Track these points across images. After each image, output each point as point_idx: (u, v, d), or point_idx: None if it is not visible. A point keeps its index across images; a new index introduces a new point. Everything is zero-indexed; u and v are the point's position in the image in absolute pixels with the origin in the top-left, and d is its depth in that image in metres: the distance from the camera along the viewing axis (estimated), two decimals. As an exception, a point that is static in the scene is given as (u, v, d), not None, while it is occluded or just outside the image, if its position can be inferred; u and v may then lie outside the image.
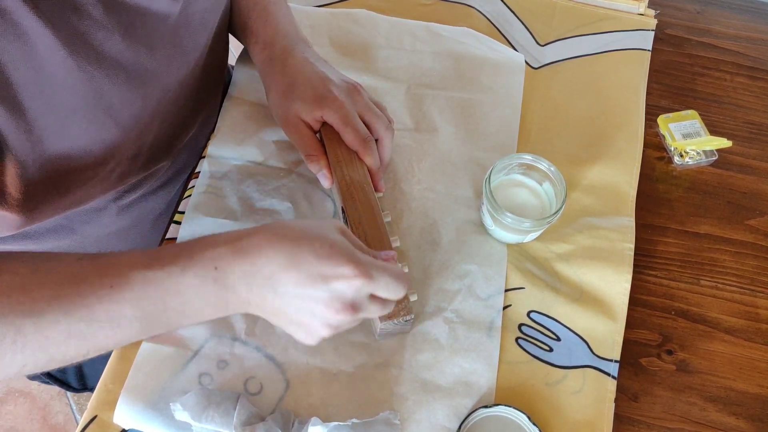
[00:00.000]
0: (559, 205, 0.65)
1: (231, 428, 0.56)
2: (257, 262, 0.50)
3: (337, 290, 0.50)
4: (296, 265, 0.50)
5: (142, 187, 0.73)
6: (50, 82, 0.50)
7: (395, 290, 0.52)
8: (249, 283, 0.51)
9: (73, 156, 0.56)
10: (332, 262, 0.50)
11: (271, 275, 0.50)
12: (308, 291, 0.50)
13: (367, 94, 0.70)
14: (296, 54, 0.70)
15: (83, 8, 0.50)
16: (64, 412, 1.38)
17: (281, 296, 0.51)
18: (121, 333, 0.51)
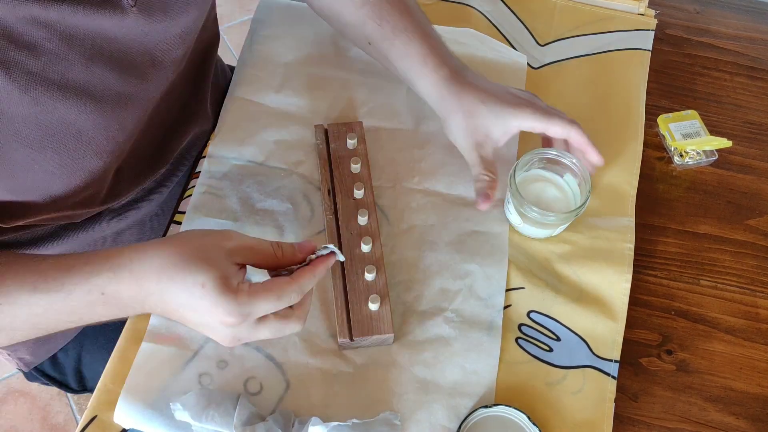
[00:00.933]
0: (585, 197, 0.66)
1: (231, 428, 0.56)
2: (144, 287, 0.52)
3: (222, 333, 0.52)
4: (182, 314, 0.52)
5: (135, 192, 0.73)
6: (10, 120, 0.50)
7: (275, 304, 0.52)
8: (141, 302, 0.53)
9: (53, 185, 0.56)
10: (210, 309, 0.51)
11: (161, 301, 0.52)
12: (197, 326, 0.53)
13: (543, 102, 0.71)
14: (470, 74, 0.70)
15: (38, 44, 0.49)
16: (64, 412, 1.38)
17: (177, 316, 0.53)
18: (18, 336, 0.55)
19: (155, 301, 0.52)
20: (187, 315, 0.52)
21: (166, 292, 0.51)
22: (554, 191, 0.70)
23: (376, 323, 0.62)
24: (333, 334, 0.64)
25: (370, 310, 0.62)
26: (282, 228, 0.69)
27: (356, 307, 0.63)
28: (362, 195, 0.68)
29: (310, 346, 0.63)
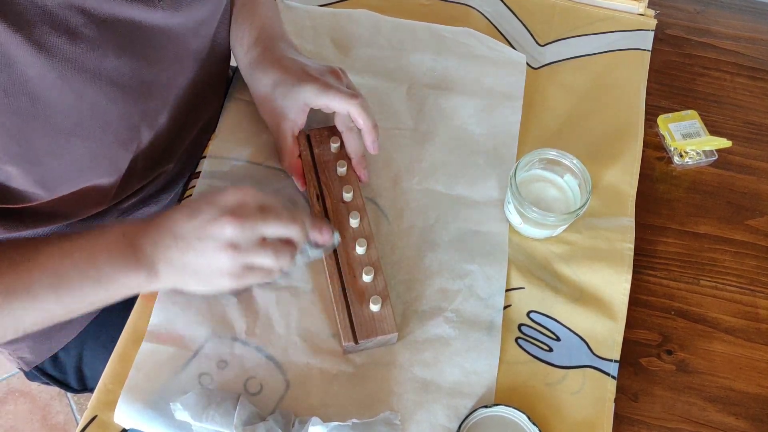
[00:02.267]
0: (585, 198, 0.66)
1: (231, 428, 0.56)
2: (161, 223, 0.56)
3: (225, 202, 0.55)
4: (190, 206, 0.56)
5: (142, 191, 0.73)
6: (44, 106, 0.51)
7: (286, 224, 0.56)
8: (153, 239, 0.55)
9: (73, 173, 0.57)
10: (221, 190, 0.56)
11: (171, 224, 0.55)
12: (200, 218, 0.54)
13: (348, 79, 0.71)
14: (276, 53, 0.70)
15: (76, 30, 0.50)
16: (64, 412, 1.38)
17: (181, 239, 0.55)
18: (38, 306, 0.54)
19: (166, 228, 0.55)
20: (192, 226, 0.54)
21: (178, 209, 0.56)
22: (554, 192, 0.70)
23: (379, 324, 0.62)
24: (333, 334, 0.64)
25: (371, 312, 0.62)
26: (282, 228, 0.69)
27: (357, 310, 0.63)
28: (351, 197, 0.68)
29: (310, 346, 0.63)
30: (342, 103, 0.67)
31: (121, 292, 0.57)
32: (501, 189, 0.73)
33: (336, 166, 0.70)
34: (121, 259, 0.55)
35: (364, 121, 0.67)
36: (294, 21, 0.84)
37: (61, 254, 0.55)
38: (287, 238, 0.58)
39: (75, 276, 0.54)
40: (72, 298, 0.55)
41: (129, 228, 0.56)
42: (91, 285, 0.55)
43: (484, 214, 0.72)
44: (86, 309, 0.58)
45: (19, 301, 0.53)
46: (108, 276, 0.55)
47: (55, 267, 0.54)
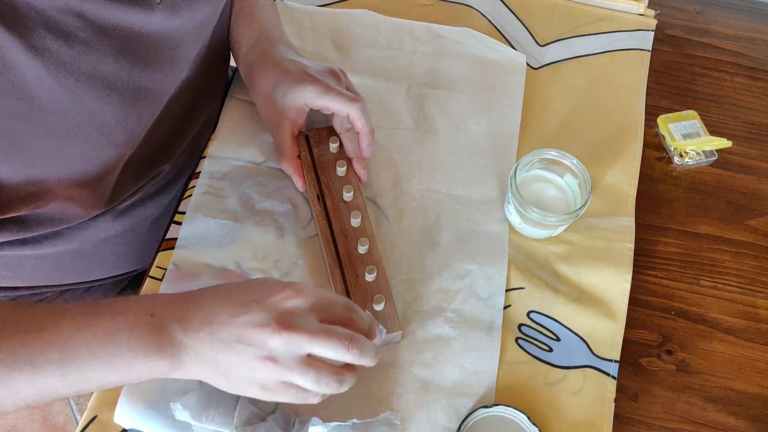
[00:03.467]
0: (585, 198, 0.66)
1: (231, 428, 0.56)
2: (198, 309, 0.51)
3: (276, 306, 0.50)
4: (235, 298, 0.51)
5: (139, 192, 0.73)
6: (40, 109, 0.50)
7: (337, 347, 0.50)
8: (185, 327, 0.50)
9: (66, 174, 0.57)
10: (274, 287, 0.51)
11: (210, 314, 0.50)
12: (244, 318, 0.50)
13: (348, 80, 0.71)
14: (276, 54, 0.70)
15: (73, 34, 0.50)
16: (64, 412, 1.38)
17: (217, 335, 0.50)
18: (40, 380, 0.49)
19: (201, 318, 0.50)
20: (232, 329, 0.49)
21: (221, 299, 0.51)
22: (554, 192, 0.70)
23: (383, 323, 0.62)
24: (333, 334, 0.64)
25: (375, 311, 0.62)
26: (282, 228, 0.69)
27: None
28: (352, 197, 0.68)
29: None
30: (342, 106, 0.67)
31: (135, 377, 0.52)
32: (501, 189, 0.73)
33: (336, 166, 0.70)
34: (142, 343, 0.50)
35: (362, 125, 0.68)
36: (294, 21, 0.84)
37: (73, 329, 0.50)
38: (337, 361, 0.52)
39: (85, 355, 0.49)
40: (78, 377, 0.50)
41: (159, 308, 0.51)
42: (102, 367, 0.50)
43: (484, 214, 0.72)
44: (94, 389, 0.55)
45: (21, 373, 0.49)
46: (124, 360, 0.50)
47: (63, 343, 0.49)
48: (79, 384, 0.50)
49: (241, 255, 0.67)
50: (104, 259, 0.78)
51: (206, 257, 0.67)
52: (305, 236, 0.69)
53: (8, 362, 0.48)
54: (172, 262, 0.67)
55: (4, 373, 0.48)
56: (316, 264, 0.67)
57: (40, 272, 0.76)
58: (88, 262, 0.77)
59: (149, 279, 0.67)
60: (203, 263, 0.67)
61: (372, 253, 0.65)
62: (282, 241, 0.68)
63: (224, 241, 0.68)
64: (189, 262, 0.67)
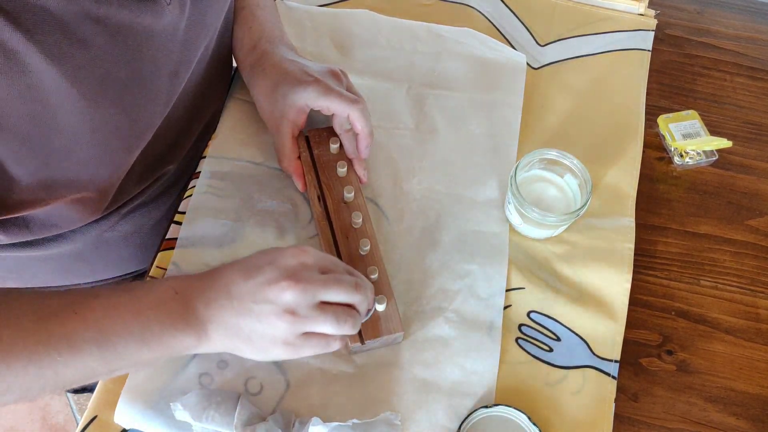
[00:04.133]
0: (585, 198, 0.66)
1: (231, 428, 0.56)
2: (216, 280, 0.54)
3: (285, 264, 0.53)
4: (247, 264, 0.54)
5: (144, 194, 0.73)
6: (56, 112, 0.51)
7: (348, 290, 0.54)
8: (207, 298, 0.53)
9: (75, 176, 0.57)
10: (281, 250, 0.55)
11: (227, 282, 0.54)
12: (258, 278, 0.53)
13: (348, 81, 0.71)
14: (276, 55, 0.71)
15: (89, 39, 0.50)
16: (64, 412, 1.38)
17: (237, 300, 0.53)
18: (79, 361, 0.50)
19: (221, 287, 0.53)
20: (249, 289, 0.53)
21: (235, 267, 0.54)
22: (555, 192, 0.70)
23: (385, 324, 0.62)
24: (333, 334, 0.64)
25: (377, 311, 0.62)
26: (283, 228, 0.69)
27: None
28: (352, 197, 0.68)
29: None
30: (342, 107, 0.67)
31: (166, 352, 0.53)
32: (501, 189, 0.73)
33: (336, 167, 0.70)
34: (170, 318, 0.52)
35: (362, 126, 0.68)
36: (294, 21, 0.84)
37: (108, 307, 0.52)
38: (349, 303, 0.55)
39: (120, 332, 0.51)
40: (115, 355, 0.51)
41: (181, 285, 0.54)
42: (135, 344, 0.52)
43: (484, 214, 0.72)
44: (129, 369, 0.56)
45: (61, 354, 0.50)
46: (155, 335, 0.52)
47: (99, 321, 0.51)
48: (115, 362, 0.52)
49: (241, 255, 0.66)
50: (107, 260, 0.78)
51: (206, 257, 0.67)
52: (305, 236, 0.69)
53: (48, 344, 0.49)
54: (172, 261, 0.67)
55: (45, 354, 0.49)
56: (316, 264, 0.67)
57: (43, 274, 0.76)
58: (91, 263, 0.77)
59: (149, 279, 0.67)
60: (203, 263, 0.67)
61: (373, 253, 0.65)
62: (282, 241, 0.68)
63: (224, 241, 0.68)
64: (189, 262, 0.67)
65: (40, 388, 0.51)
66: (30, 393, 0.51)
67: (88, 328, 0.51)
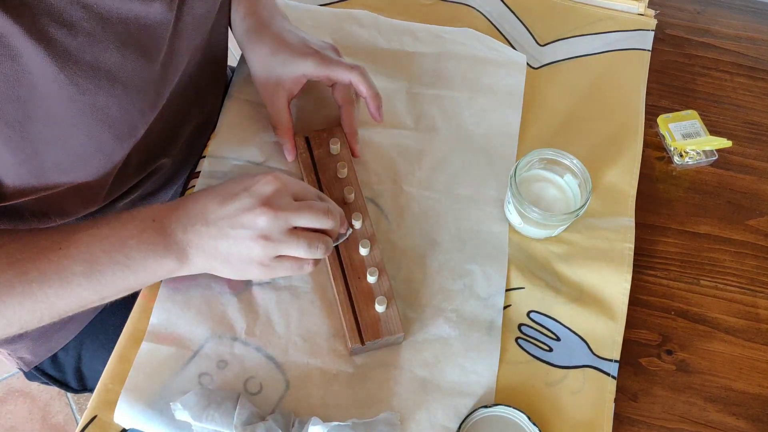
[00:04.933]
0: (585, 198, 0.66)
1: (231, 428, 0.56)
2: (191, 207, 0.57)
3: (259, 191, 0.56)
4: (222, 192, 0.57)
5: (139, 188, 0.73)
6: (45, 97, 0.51)
7: (319, 216, 0.57)
8: (184, 224, 0.56)
9: (68, 165, 0.57)
10: (255, 177, 0.57)
11: (203, 209, 0.57)
12: (233, 205, 0.56)
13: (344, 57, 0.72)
14: (275, 23, 0.72)
15: (77, 24, 0.50)
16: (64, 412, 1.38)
17: (213, 226, 0.56)
18: (71, 292, 0.55)
19: (197, 213, 0.56)
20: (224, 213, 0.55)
21: (210, 194, 0.57)
22: (554, 192, 0.70)
23: (385, 325, 0.62)
24: (334, 333, 0.64)
25: (377, 313, 0.62)
26: (282, 228, 0.69)
27: (363, 311, 0.63)
28: (353, 198, 0.68)
29: (310, 346, 0.63)
30: (343, 74, 0.68)
31: (151, 277, 0.58)
32: (501, 189, 0.73)
33: (336, 167, 0.70)
34: (150, 245, 0.56)
35: (366, 88, 0.69)
36: (295, 20, 0.84)
37: (91, 241, 0.55)
38: (321, 228, 0.59)
39: (106, 262, 0.55)
40: (104, 284, 0.56)
41: (158, 213, 0.57)
42: (122, 271, 0.56)
43: (484, 214, 0.72)
44: (118, 295, 0.58)
45: (53, 288, 0.54)
46: (138, 262, 0.56)
47: (85, 254, 0.55)
48: (104, 291, 0.56)
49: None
50: None
51: (206, 257, 0.67)
52: (305, 236, 0.69)
53: (40, 280, 0.54)
54: (172, 261, 0.67)
55: (38, 290, 0.54)
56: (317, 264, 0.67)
57: None
58: None
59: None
60: (203, 263, 0.67)
61: (374, 254, 0.65)
62: (282, 241, 0.68)
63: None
64: (189, 262, 0.67)
65: (38, 320, 0.56)
66: (28, 325, 0.56)
67: (77, 262, 0.54)
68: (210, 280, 0.66)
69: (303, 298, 0.66)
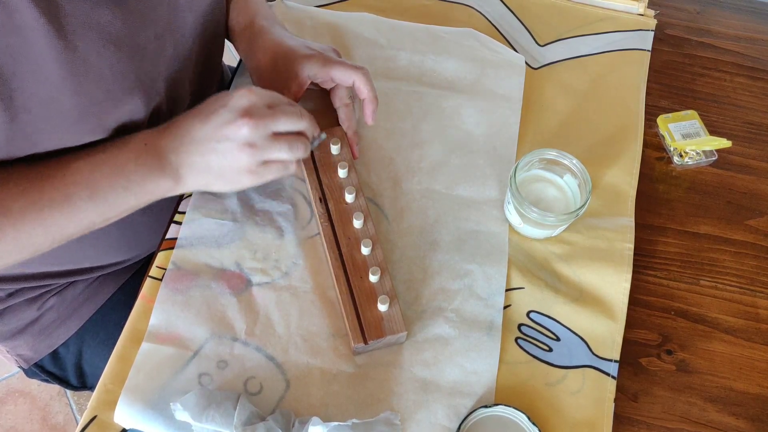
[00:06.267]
0: (585, 198, 0.66)
1: (231, 428, 0.56)
2: (178, 129, 0.60)
3: (237, 104, 0.59)
4: (203, 110, 0.60)
5: None
6: (35, 51, 0.51)
7: (294, 119, 0.61)
8: (175, 147, 0.59)
9: (60, 127, 0.57)
10: (230, 93, 0.60)
11: (189, 128, 0.60)
12: (215, 121, 0.59)
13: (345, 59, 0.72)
14: (275, 32, 0.72)
15: None
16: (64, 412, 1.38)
17: (200, 143, 0.59)
18: (78, 216, 0.58)
19: (184, 133, 0.59)
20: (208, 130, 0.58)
21: (193, 114, 0.60)
22: (554, 192, 0.70)
23: (387, 324, 0.62)
24: (334, 333, 0.64)
25: (380, 312, 0.62)
26: (282, 229, 0.69)
27: (365, 310, 0.63)
28: (354, 199, 0.68)
29: (310, 346, 0.63)
30: (347, 74, 0.69)
31: (150, 197, 0.61)
32: (501, 189, 0.73)
33: (337, 168, 0.70)
34: (146, 167, 0.59)
35: (368, 91, 0.70)
36: (294, 21, 0.84)
37: (92, 167, 0.58)
38: (297, 131, 0.62)
39: (107, 187, 0.58)
40: (107, 207, 0.59)
41: (149, 137, 0.60)
42: (123, 193, 0.59)
43: (484, 214, 0.72)
44: (121, 215, 0.61)
45: (63, 213, 0.57)
46: (137, 184, 0.59)
47: (87, 179, 0.58)
48: (108, 212, 0.60)
49: (240, 255, 0.67)
50: (96, 246, 0.77)
51: (206, 257, 0.67)
52: (305, 236, 0.69)
53: (50, 206, 0.57)
54: (171, 261, 0.67)
55: (49, 216, 0.57)
56: (317, 264, 0.67)
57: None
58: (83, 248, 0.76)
59: (149, 279, 0.67)
60: (203, 263, 0.67)
61: (375, 254, 0.65)
62: (282, 241, 0.69)
63: (224, 241, 0.68)
64: (189, 262, 0.67)
65: (49, 243, 0.59)
66: (41, 248, 0.59)
67: (81, 188, 0.58)
68: (210, 281, 0.66)
69: (303, 298, 0.66)
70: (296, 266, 0.67)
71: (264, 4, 0.77)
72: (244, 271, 0.67)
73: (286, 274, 0.67)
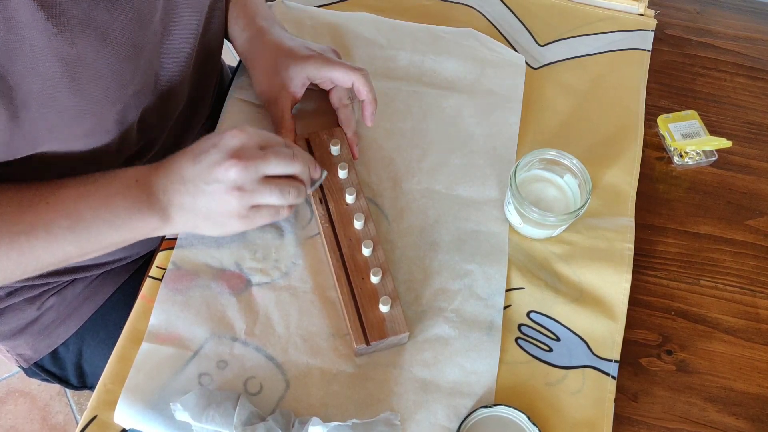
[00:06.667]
0: (585, 198, 0.66)
1: (231, 428, 0.56)
2: (169, 168, 0.59)
3: (227, 145, 0.57)
4: (194, 149, 0.59)
5: None
6: (33, 48, 0.51)
7: (286, 162, 0.59)
8: (165, 186, 0.58)
9: (59, 126, 0.57)
10: (222, 132, 0.59)
11: (179, 168, 0.58)
12: (205, 161, 0.57)
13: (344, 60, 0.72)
14: (274, 32, 0.73)
15: None
16: (64, 412, 1.38)
17: (189, 183, 0.57)
18: (56, 246, 0.57)
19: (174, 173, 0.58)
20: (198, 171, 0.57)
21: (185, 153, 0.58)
22: (554, 192, 0.70)
23: (390, 325, 0.62)
24: (333, 333, 0.64)
25: (382, 313, 0.62)
26: (281, 229, 0.69)
27: (367, 311, 0.63)
28: (354, 200, 0.68)
29: (310, 346, 0.63)
30: (347, 75, 0.68)
31: (134, 235, 0.59)
32: (501, 189, 0.73)
33: (338, 169, 0.70)
34: (135, 204, 0.58)
35: (367, 92, 0.69)
36: (294, 21, 0.84)
37: (77, 197, 0.57)
38: (290, 174, 0.60)
39: (91, 219, 0.57)
40: (87, 239, 0.58)
41: (140, 174, 0.59)
42: (106, 228, 0.58)
43: (484, 214, 0.72)
44: (100, 251, 0.60)
45: (39, 240, 0.56)
46: (123, 220, 0.58)
47: (71, 209, 0.57)
48: (88, 246, 0.58)
49: (240, 255, 0.67)
50: None
51: (206, 257, 0.67)
52: (305, 236, 0.69)
53: (27, 232, 0.56)
54: (171, 261, 0.67)
55: (25, 242, 0.56)
56: (317, 264, 0.67)
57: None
58: None
59: (149, 279, 0.67)
60: (203, 263, 0.67)
61: (377, 255, 0.65)
62: (282, 241, 0.69)
63: (224, 241, 0.68)
64: (189, 262, 0.67)
65: (21, 271, 0.58)
66: (13, 276, 0.58)
67: (63, 217, 0.56)
68: (210, 280, 0.66)
69: (303, 298, 0.66)
70: (296, 266, 0.67)
71: (263, 5, 0.77)
72: (243, 271, 0.67)
73: (285, 274, 0.67)
